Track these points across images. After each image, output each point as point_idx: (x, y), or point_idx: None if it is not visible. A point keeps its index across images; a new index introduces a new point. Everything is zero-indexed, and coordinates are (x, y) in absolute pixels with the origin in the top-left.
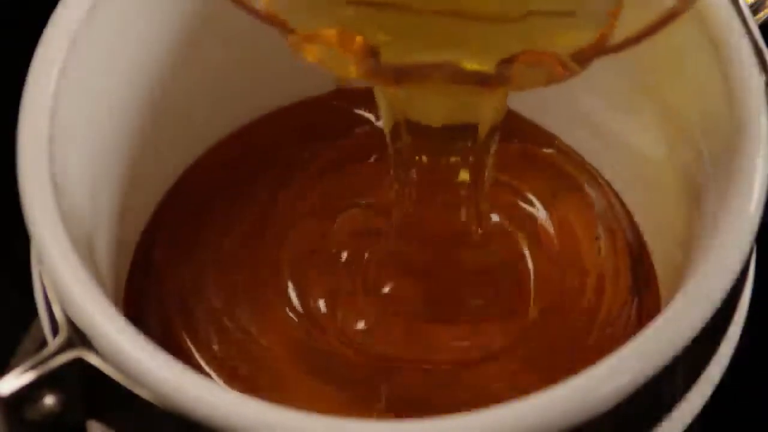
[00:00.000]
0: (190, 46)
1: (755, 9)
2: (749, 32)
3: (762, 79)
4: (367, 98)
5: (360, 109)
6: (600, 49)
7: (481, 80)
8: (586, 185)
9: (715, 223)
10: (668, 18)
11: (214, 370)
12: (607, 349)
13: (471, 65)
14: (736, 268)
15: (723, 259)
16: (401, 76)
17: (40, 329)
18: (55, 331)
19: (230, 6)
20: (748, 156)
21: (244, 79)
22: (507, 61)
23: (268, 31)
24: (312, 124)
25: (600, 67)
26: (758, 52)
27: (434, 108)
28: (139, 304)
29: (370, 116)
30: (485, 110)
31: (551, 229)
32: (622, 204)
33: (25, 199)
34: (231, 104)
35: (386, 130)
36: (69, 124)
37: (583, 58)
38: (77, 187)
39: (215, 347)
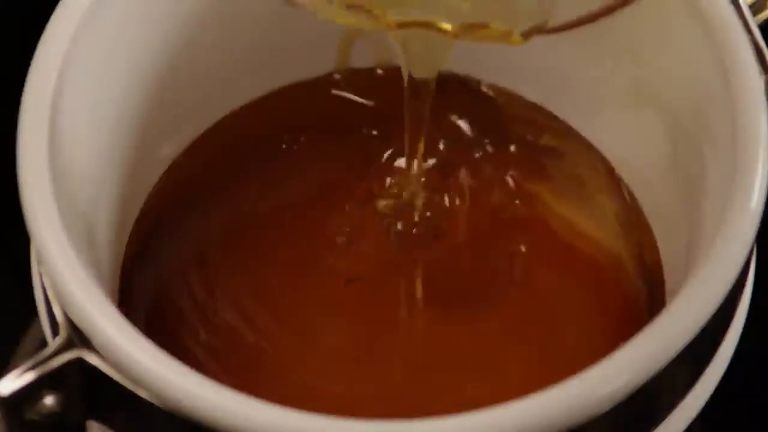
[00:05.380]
0: (187, 35)
1: (755, 9)
2: (749, 32)
3: (762, 79)
4: (364, 80)
5: (357, 92)
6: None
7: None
8: (598, 184)
9: (716, 224)
10: (606, 11)
11: (201, 364)
12: (612, 349)
13: (443, 26)
14: (736, 268)
15: (723, 260)
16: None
17: (40, 329)
18: (55, 331)
19: None
20: (749, 156)
21: (242, 60)
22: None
23: (266, 13)
24: (308, 107)
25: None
26: (758, 52)
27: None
28: (131, 296)
29: (367, 100)
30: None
31: (558, 226)
32: (635, 202)
33: (25, 199)
34: (227, 88)
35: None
36: (69, 124)
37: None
38: (77, 186)
39: (203, 339)
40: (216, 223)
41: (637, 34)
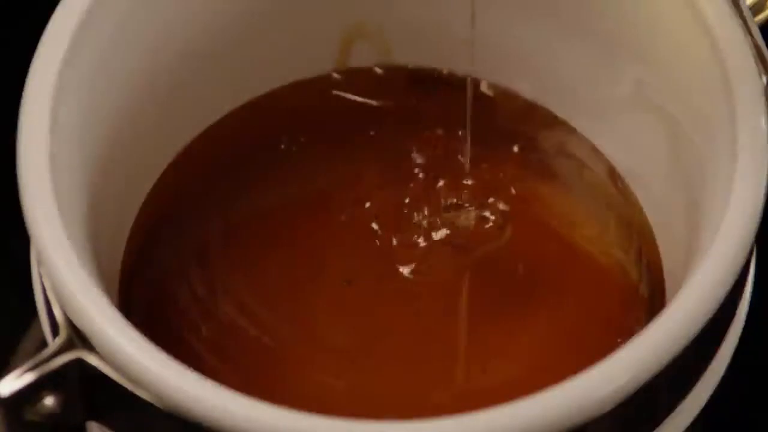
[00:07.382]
0: (186, 35)
1: (756, 10)
2: (749, 33)
3: (762, 79)
4: (364, 80)
5: (357, 92)
6: None
7: None
8: (598, 184)
9: (716, 224)
10: None
11: (201, 364)
12: (612, 349)
13: None
14: (736, 268)
15: (723, 260)
16: None
17: (40, 329)
18: (55, 331)
19: None
20: (749, 157)
21: (241, 60)
22: None
23: (265, 13)
24: (308, 107)
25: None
26: (758, 53)
27: None
28: (131, 296)
29: (367, 100)
30: None
31: (557, 226)
32: (635, 202)
33: (25, 199)
34: (227, 88)
35: None
36: (69, 124)
37: None
38: (77, 187)
39: (202, 339)
40: (216, 223)
41: (637, 36)
